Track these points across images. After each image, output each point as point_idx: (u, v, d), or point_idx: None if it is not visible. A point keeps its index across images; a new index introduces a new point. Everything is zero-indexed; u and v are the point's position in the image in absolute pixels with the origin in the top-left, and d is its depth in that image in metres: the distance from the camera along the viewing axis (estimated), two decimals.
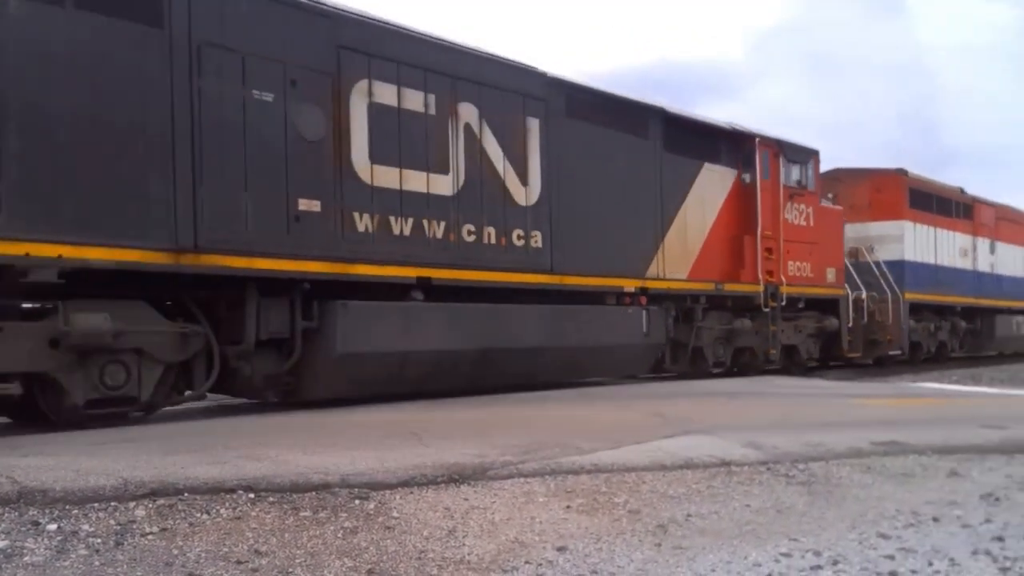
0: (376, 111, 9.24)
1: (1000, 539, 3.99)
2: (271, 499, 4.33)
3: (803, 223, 15.52)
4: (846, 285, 16.84)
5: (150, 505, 4.11)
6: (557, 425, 7.12)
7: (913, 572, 3.51)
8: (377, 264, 9.14)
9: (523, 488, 4.78)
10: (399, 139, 9.46)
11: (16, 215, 6.72)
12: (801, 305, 15.60)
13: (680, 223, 13.25)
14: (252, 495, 4.35)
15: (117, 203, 7.29)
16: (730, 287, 14.01)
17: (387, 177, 9.31)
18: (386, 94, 9.36)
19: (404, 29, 9.72)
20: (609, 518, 4.31)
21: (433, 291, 9.67)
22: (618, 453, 5.62)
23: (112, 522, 3.88)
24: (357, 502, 4.38)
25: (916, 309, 19.53)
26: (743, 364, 14.71)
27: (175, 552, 3.59)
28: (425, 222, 9.66)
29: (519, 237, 10.77)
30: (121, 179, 7.32)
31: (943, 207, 20.82)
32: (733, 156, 14.36)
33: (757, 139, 14.54)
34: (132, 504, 4.11)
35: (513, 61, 11.03)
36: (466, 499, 4.53)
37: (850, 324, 16.79)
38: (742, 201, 14.39)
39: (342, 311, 8.71)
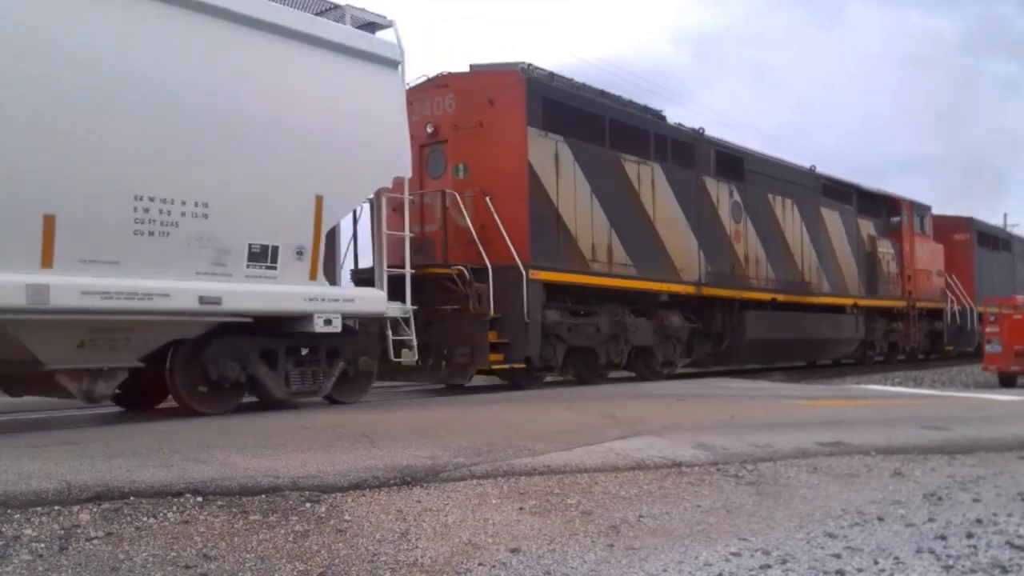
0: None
1: (943, 538, 4.08)
2: (219, 502, 4.26)
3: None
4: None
5: (95, 509, 4.02)
6: (509, 427, 7.12)
7: (859, 571, 3.58)
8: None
9: (476, 490, 4.77)
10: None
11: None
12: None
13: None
14: (200, 498, 4.28)
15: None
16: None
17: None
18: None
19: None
20: (562, 519, 4.32)
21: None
22: (570, 455, 5.63)
23: (56, 527, 3.79)
24: (308, 505, 4.33)
25: None
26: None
27: (121, 557, 3.51)
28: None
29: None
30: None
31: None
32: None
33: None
34: (76, 508, 4.01)
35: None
36: (419, 501, 4.51)
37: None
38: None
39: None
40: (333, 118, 8.95)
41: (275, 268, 8.58)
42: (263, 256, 8.47)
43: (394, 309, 9.81)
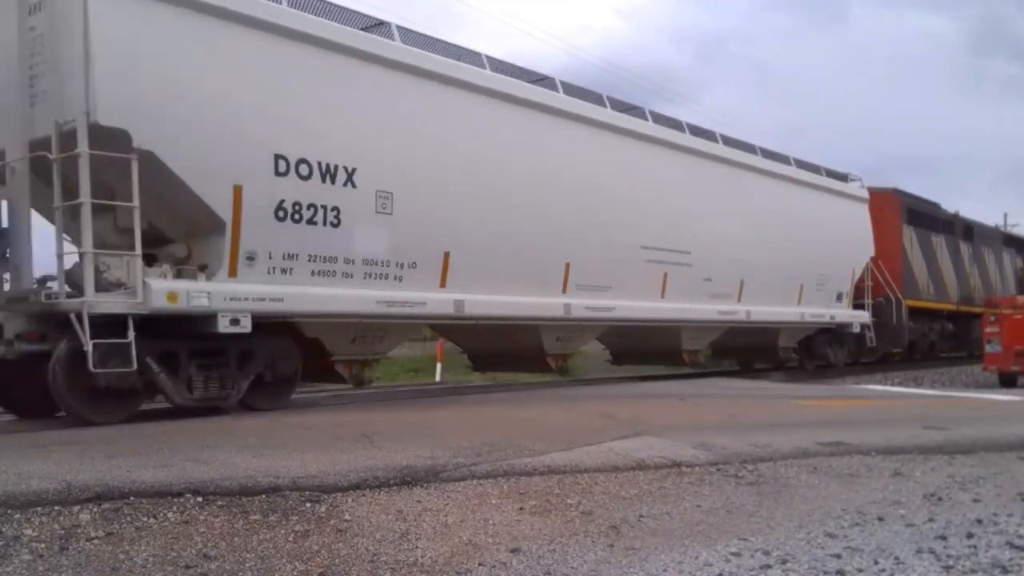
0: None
1: (943, 538, 4.08)
2: (219, 503, 4.26)
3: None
4: None
5: (95, 509, 4.02)
6: (509, 427, 7.12)
7: (859, 571, 3.58)
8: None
9: (476, 490, 4.77)
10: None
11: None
12: None
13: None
14: (200, 498, 4.28)
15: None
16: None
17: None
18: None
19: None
20: (562, 519, 4.32)
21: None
22: (570, 455, 5.63)
23: (56, 527, 3.79)
24: (308, 505, 4.33)
25: None
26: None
27: (121, 557, 3.52)
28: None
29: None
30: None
31: None
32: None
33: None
34: (76, 508, 4.01)
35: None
36: (419, 501, 4.51)
37: None
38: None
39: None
40: (850, 228, 18.63)
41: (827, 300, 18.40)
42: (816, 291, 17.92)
43: (865, 318, 19.16)
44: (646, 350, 15.39)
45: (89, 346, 7.06)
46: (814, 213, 17.04)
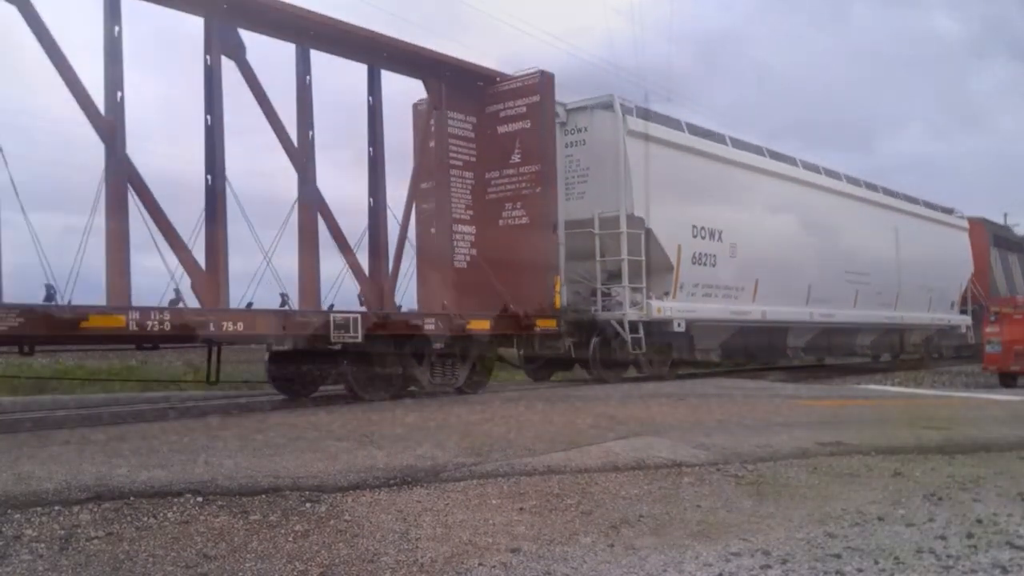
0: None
1: (943, 538, 4.07)
2: (220, 503, 4.26)
3: None
4: None
5: (95, 509, 4.02)
6: (509, 427, 7.12)
7: (860, 571, 3.57)
8: None
9: (476, 490, 4.77)
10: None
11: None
12: None
13: None
14: (200, 499, 4.28)
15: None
16: None
17: None
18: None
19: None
20: (562, 519, 4.32)
21: None
22: (570, 455, 5.63)
23: (56, 527, 3.79)
24: (308, 505, 4.33)
25: None
26: None
27: (122, 557, 3.51)
28: None
29: None
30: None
31: None
32: None
33: None
34: (76, 508, 4.01)
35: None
36: (419, 501, 4.51)
37: None
38: None
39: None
40: (957, 252, 24.80)
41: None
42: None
43: (968, 321, 24.80)
44: (827, 347, 20.62)
45: (629, 338, 13.57)
46: (935, 240, 23.51)
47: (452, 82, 11.84)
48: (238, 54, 9.31)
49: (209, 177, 8.98)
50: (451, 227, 12.06)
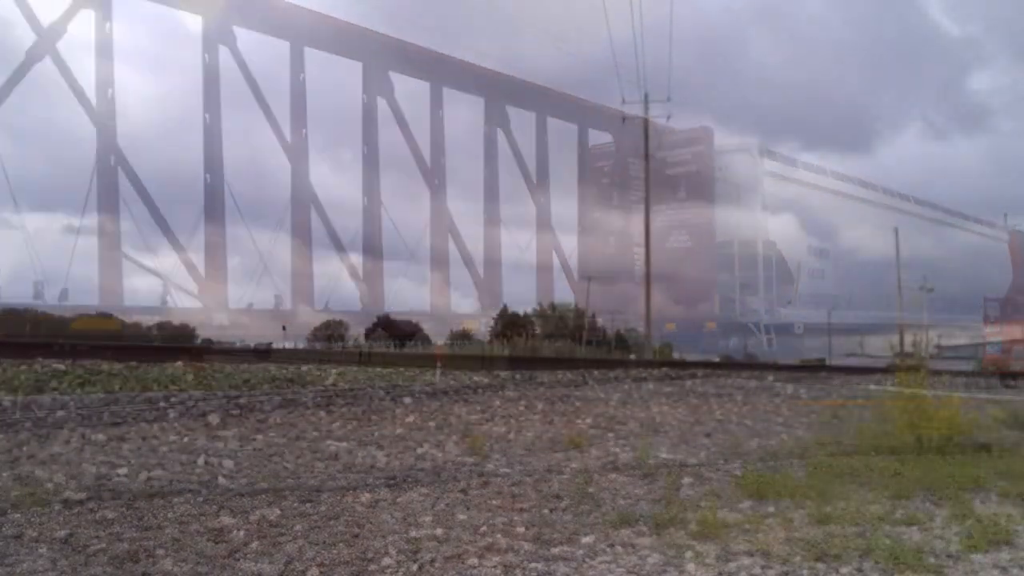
0: None
1: (943, 538, 4.07)
2: (219, 502, 4.22)
3: None
4: None
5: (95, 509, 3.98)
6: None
7: (859, 571, 3.57)
8: None
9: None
10: None
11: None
12: None
13: None
14: (200, 498, 4.24)
15: None
16: None
17: None
18: None
19: None
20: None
21: None
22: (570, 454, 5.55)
23: (56, 526, 3.76)
24: (308, 505, 4.30)
25: None
26: None
27: (122, 556, 3.50)
28: None
29: None
30: None
31: None
32: None
33: None
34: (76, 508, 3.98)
35: None
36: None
37: None
38: None
39: None
40: None
41: None
42: None
43: None
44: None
45: (764, 339, 36.97)
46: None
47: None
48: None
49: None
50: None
